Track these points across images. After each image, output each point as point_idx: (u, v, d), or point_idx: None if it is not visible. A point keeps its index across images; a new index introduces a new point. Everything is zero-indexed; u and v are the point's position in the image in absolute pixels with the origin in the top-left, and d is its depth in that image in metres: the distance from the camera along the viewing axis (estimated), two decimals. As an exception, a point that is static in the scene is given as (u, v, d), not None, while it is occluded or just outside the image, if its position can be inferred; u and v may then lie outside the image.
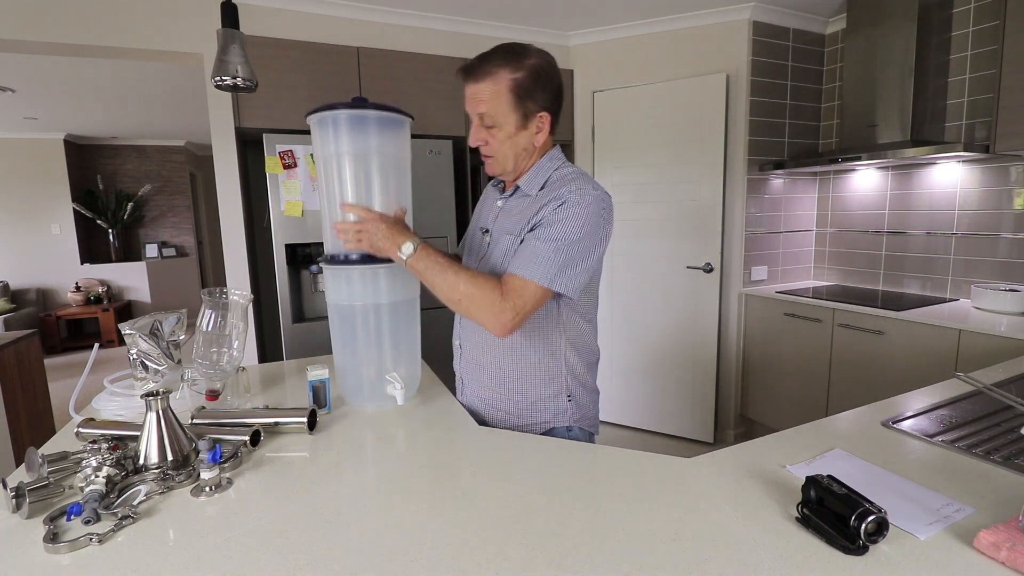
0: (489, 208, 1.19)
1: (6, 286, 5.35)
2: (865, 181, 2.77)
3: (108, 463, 0.78)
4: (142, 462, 0.83)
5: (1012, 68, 1.96)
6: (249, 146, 2.65)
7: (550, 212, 1.00)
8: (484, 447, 0.95)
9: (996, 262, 2.31)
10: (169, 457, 0.84)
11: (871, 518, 0.60)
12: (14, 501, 0.72)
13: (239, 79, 1.41)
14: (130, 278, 5.96)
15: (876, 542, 0.62)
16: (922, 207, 2.54)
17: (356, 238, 1.02)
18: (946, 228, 2.47)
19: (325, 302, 1.32)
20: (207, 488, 0.79)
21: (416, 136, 1.20)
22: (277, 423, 1.00)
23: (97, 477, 0.76)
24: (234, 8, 1.40)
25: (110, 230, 5.85)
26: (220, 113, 2.31)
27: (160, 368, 1.21)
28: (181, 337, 1.30)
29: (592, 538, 0.67)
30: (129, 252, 6.12)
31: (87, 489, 0.75)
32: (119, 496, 0.77)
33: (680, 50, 2.75)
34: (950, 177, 2.43)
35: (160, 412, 0.85)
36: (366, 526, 0.70)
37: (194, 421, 0.98)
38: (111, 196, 5.87)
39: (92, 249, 5.91)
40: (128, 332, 1.19)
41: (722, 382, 2.90)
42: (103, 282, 5.81)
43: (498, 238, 1.11)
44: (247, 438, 0.92)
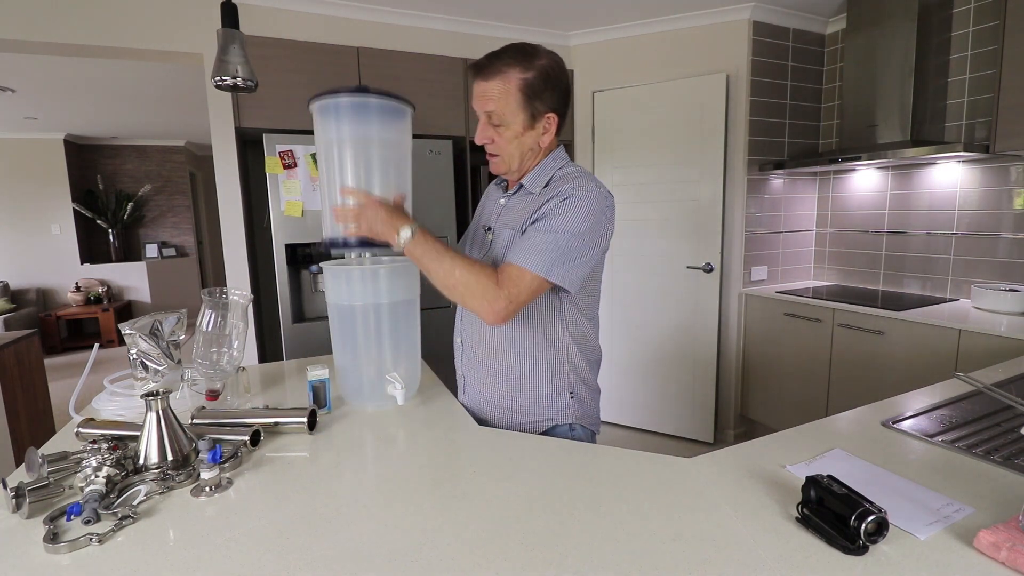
0: (492, 206, 1.20)
1: (6, 286, 5.35)
2: (865, 181, 2.77)
3: (108, 463, 0.78)
4: (142, 462, 0.83)
5: (1012, 68, 1.96)
6: (249, 146, 2.65)
7: (552, 206, 1.00)
8: (484, 447, 0.95)
9: (996, 262, 2.31)
10: (169, 457, 0.84)
11: (871, 518, 0.60)
12: (14, 501, 0.72)
13: (239, 79, 1.41)
14: (130, 278, 5.97)
15: (876, 542, 0.62)
16: (922, 207, 2.54)
17: (355, 222, 1.02)
18: (946, 228, 2.47)
19: (325, 302, 1.32)
20: (207, 488, 0.79)
21: (416, 136, 1.20)
22: (277, 423, 1.00)
23: (97, 477, 0.76)
24: (234, 8, 1.40)
25: (110, 230, 5.85)
26: (220, 113, 2.31)
27: (160, 368, 1.21)
28: (181, 337, 1.30)
29: (592, 538, 0.67)
30: (129, 252, 6.12)
31: (87, 489, 0.75)
32: (119, 496, 0.77)
33: (680, 50, 2.75)
34: (950, 177, 2.43)
35: (160, 412, 0.85)
36: (366, 526, 0.70)
37: (194, 421, 0.99)
38: (111, 196, 5.87)
39: (92, 249, 5.91)
40: (128, 332, 1.19)
41: (722, 382, 2.90)
42: (103, 282, 5.81)
43: (500, 233, 1.11)
44: (247, 438, 0.93)
